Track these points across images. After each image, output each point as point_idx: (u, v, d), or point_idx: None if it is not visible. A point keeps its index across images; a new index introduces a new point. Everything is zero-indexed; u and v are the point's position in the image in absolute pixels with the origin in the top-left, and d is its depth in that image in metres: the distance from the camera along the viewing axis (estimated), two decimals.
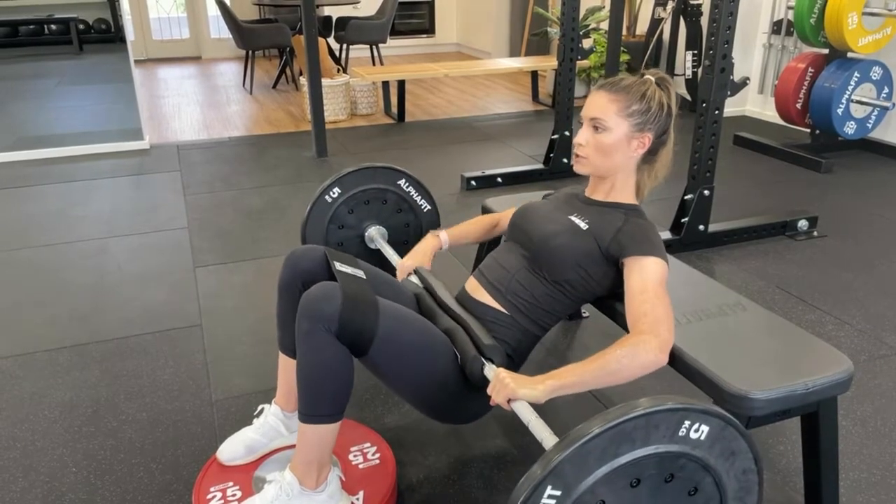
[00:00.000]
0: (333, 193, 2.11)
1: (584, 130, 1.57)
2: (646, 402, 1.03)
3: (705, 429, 1.06)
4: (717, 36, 2.79)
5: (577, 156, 1.58)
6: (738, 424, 1.09)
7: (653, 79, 1.57)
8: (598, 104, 1.54)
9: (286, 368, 1.68)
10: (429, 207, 2.22)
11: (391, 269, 1.94)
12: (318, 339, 1.36)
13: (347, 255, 1.63)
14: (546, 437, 1.24)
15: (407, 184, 2.17)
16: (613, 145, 1.53)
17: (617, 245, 1.51)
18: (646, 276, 1.43)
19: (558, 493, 1.01)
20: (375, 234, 2.15)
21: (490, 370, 1.44)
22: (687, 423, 1.05)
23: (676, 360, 1.43)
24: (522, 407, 1.30)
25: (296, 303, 1.52)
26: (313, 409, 1.40)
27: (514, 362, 1.62)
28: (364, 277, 1.53)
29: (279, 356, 1.69)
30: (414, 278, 1.80)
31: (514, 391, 1.29)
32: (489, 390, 1.35)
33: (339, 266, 1.52)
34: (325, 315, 1.35)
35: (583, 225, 1.56)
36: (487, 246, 2.33)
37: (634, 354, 1.32)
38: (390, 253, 2.05)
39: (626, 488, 1.06)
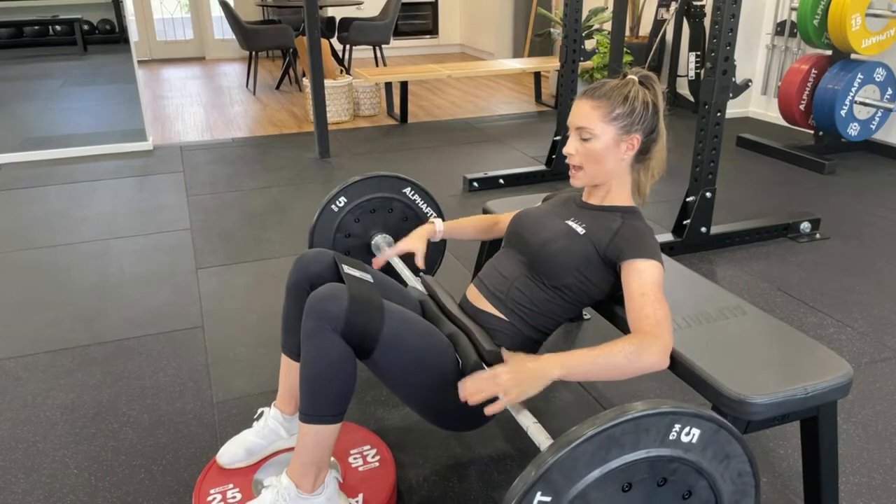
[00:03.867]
0: (340, 202, 2.12)
1: (573, 140, 1.57)
2: (635, 406, 1.03)
3: (696, 432, 1.06)
4: (718, 38, 2.78)
5: (572, 167, 1.59)
6: (731, 427, 1.09)
7: (636, 78, 1.56)
8: (582, 112, 1.54)
9: (288, 371, 1.68)
10: (435, 216, 2.23)
11: (397, 277, 1.94)
12: (324, 339, 1.36)
13: (357, 260, 1.64)
14: (543, 440, 1.25)
15: (413, 192, 2.18)
16: (602, 151, 1.54)
17: (614, 249, 1.51)
18: (644, 279, 1.44)
19: (548, 498, 1.01)
20: (381, 243, 2.15)
21: None
22: (677, 426, 1.05)
23: (676, 364, 1.43)
24: (522, 414, 1.31)
25: (303, 305, 1.53)
26: (315, 408, 1.40)
27: None
28: (372, 281, 1.53)
29: (281, 358, 1.69)
30: (419, 285, 1.80)
31: (522, 394, 1.29)
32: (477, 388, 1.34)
33: (347, 269, 1.53)
34: (331, 314, 1.35)
35: (580, 229, 1.56)
36: (487, 253, 2.33)
37: (640, 353, 1.33)
38: (396, 261, 2.05)
39: (618, 493, 1.06)
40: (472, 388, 1.32)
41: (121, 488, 1.72)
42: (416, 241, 1.84)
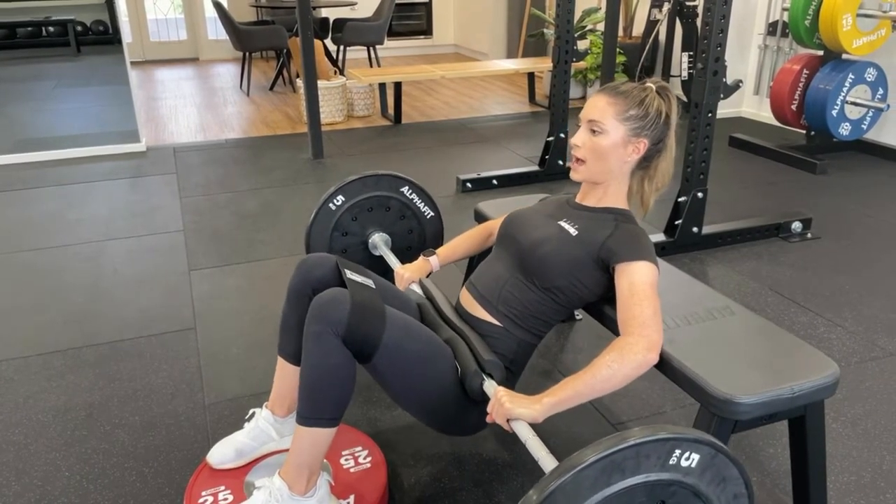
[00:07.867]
0: (337, 201, 2.12)
1: (582, 132, 1.57)
2: (637, 433, 1.03)
3: (696, 457, 1.07)
4: (709, 38, 2.79)
5: (576, 159, 1.58)
6: (729, 452, 1.10)
7: (654, 87, 1.57)
8: (597, 107, 1.54)
9: (282, 373, 1.68)
10: (432, 214, 2.24)
11: (393, 279, 1.96)
12: (326, 343, 1.37)
13: (359, 265, 1.66)
14: (542, 455, 1.25)
15: (410, 191, 2.19)
16: (609, 148, 1.54)
17: (607, 251, 1.51)
18: (635, 280, 1.44)
19: None
20: (379, 241, 2.16)
21: (490, 386, 1.45)
22: (678, 451, 1.06)
23: (664, 364, 1.43)
24: (520, 425, 1.31)
25: (303, 309, 1.54)
26: (313, 411, 1.41)
27: (512, 374, 1.63)
28: (373, 287, 1.54)
29: (277, 360, 1.69)
30: (416, 287, 1.81)
31: (512, 412, 1.31)
32: (489, 409, 1.37)
33: (349, 275, 1.54)
34: (333, 319, 1.37)
35: (572, 231, 1.57)
36: (478, 255, 2.34)
37: (623, 358, 1.33)
38: (393, 260, 2.07)
39: None
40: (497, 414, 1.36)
41: (112, 490, 1.72)
42: (416, 275, 1.86)
